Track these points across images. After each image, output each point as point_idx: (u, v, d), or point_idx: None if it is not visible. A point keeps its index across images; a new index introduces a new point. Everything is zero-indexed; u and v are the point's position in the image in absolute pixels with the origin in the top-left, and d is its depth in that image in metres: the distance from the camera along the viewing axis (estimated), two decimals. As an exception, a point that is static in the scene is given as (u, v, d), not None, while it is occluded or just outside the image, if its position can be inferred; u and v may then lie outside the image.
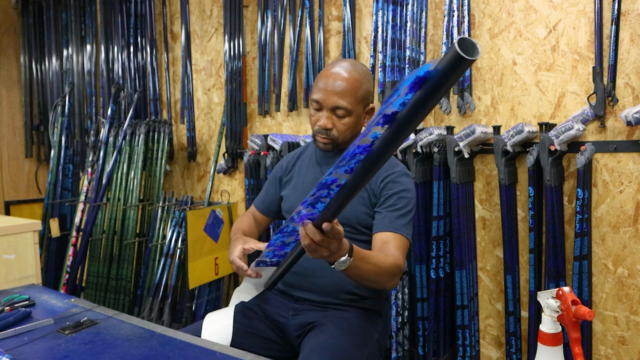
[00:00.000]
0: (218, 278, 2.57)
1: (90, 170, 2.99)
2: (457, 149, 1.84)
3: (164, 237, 2.72)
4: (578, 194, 1.67)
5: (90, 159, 3.01)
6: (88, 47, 3.46)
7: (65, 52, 3.62)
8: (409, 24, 1.99)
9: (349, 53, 2.22)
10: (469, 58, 0.55)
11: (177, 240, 2.64)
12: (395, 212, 1.32)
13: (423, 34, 2.01)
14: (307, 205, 0.90)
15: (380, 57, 2.04)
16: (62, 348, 1.12)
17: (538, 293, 1.36)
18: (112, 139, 2.92)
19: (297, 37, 2.40)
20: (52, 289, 1.73)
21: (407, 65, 2.00)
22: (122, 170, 2.84)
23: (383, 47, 2.04)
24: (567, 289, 1.27)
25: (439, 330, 1.95)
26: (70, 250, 2.89)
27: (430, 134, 1.89)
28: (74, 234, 2.91)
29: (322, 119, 1.34)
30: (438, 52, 2.04)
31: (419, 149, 1.93)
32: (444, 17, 1.91)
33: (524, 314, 1.89)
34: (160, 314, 2.63)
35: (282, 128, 2.59)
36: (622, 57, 1.67)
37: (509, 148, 1.78)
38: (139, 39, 3.13)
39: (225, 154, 2.73)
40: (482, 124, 1.89)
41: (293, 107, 2.45)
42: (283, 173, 1.56)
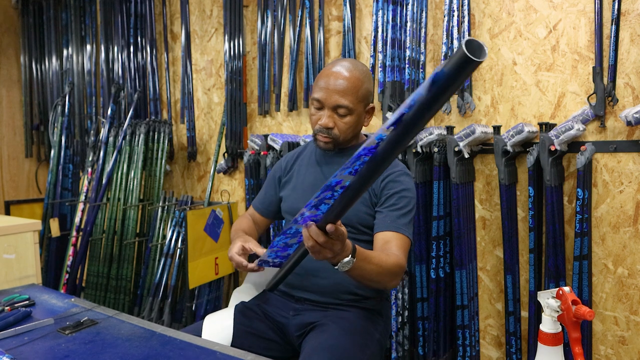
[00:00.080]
0: (218, 278, 2.57)
1: (90, 170, 2.99)
2: (457, 149, 1.84)
3: (164, 237, 2.72)
4: (578, 194, 1.67)
5: (90, 159, 3.01)
6: (88, 47, 3.46)
7: (65, 52, 3.62)
8: (409, 24, 1.99)
9: (349, 53, 2.22)
10: (476, 59, 0.55)
11: (177, 240, 2.64)
12: (397, 211, 1.32)
13: (423, 34, 2.01)
14: (310, 207, 0.89)
15: (380, 57, 2.04)
16: (62, 348, 1.12)
17: (538, 293, 1.36)
18: (112, 139, 2.92)
19: (297, 37, 2.40)
20: (52, 289, 1.73)
21: (407, 65, 2.00)
22: (122, 170, 2.84)
23: (383, 47, 2.04)
24: (567, 289, 1.28)
25: (439, 330, 1.95)
26: (70, 250, 2.89)
27: (430, 134, 1.89)
28: (74, 234, 2.91)
29: (323, 118, 1.33)
30: (438, 52, 2.04)
31: (419, 149, 1.93)
32: (444, 17, 1.92)
33: (524, 314, 1.89)
34: (160, 314, 2.63)
35: (282, 128, 2.59)
36: (622, 57, 1.67)
37: (509, 148, 1.78)
38: (139, 39, 3.13)
39: (225, 154, 2.73)
40: (482, 124, 1.89)
41: (293, 107, 2.45)
42: (282, 173, 1.55)
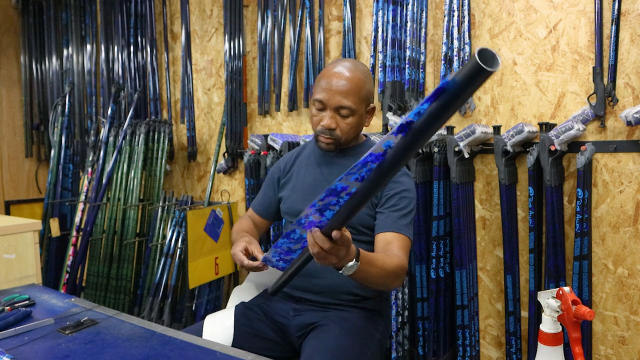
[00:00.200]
0: (218, 278, 2.57)
1: (91, 170, 2.99)
2: (457, 149, 1.84)
3: (164, 237, 2.72)
4: (578, 194, 1.67)
5: (90, 159, 3.01)
6: (88, 46, 3.46)
7: (65, 51, 3.62)
8: (409, 24, 1.99)
9: (349, 53, 2.22)
10: (489, 69, 0.53)
11: (177, 240, 2.64)
12: (397, 212, 1.32)
13: (423, 34, 2.01)
14: (315, 212, 0.88)
15: (380, 57, 2.04)
16: (62, 348, 1.12)
17: (538, 293, 1.36)
18: (112, 139, 2.92)
19: (297, 37, 2.40)
20: (52, 289, 1.73)
21: (407, 65, 2.00)
22: (122, 170, 2.84)
23: (383, 47, 2.04)
24: (567, 289, 1.28)
25: (439, 330, 1.95)
26: (71, 250, 2.89)
27: (431, 134, 1.89)
28: (74, 234, 2.91)
29: (325, 119, 1.33)
30: (438, 52, 2.04)
31: (419, 149, 1.93)
32: (444, 17, 1.91)
33: (524, 314, 1.89)
34: (160, 314, 2.63)
35: (282, 128, 2.59)
36: (622, 57, 1.67)
37: (509, 148, 1.78)
38: (139, 39, 3.13)
39: (225, 154, 2.73)
40: (482, 124, 1.89)
41: (293, 107, 2.45)
42: (281, 174, 1.55)
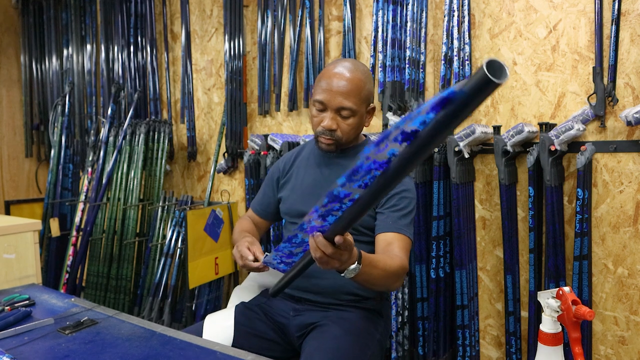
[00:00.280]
0: (218, 278, 2.57)
1: (91, 170, 2.99)
2: (457, 149, 1.84)
3: (164, 236, 2.71)
4: (578, 194, 1.67)
5: (91, 159, 3.01)
6: (88, 46, 3.46)
7: (66, 51, 3.62)
8: (409, 24, 1.99)
9: (349, 53, 2.22)
10: (497, 81, 0.52)
11: (177, 240, 2.64)
12: (397, 212, 1.32)
13: (423, 34, 2.01)
14: (317, 217, 0.88)
15: (380, 57, 2.04)
16: (62, 348, 1.12)
17: (538, 293, 1.36)
18: (112, 139, 2.92)
19: (297, 37, 2.40)
20: (52, 289, 1.73)
21: (407, 65, 2.00)
22: (122, 170, 2.84)
23: (383, 47, 2.04)
24: (567, 289, 1.28)
25: (439, 330, 1.95)
26: (70, 250, 2.89)
27: (431, 134, 1.89)
28: (74, 234, 2.91)
29: (326, 120, 1.32)
30: (438, 52, 2.04)
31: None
32: (444, 17, 1.91)
33: (524, 314, 1.89)
34: (160, 314, 2.63)
35: (282, 128, 2.59)
36: (622, 57, 1.67)
37: (509, 148, 1.78)
38: (139, 39, 3.13)
39: (225, 154, 2.73)
40: (482, 124, 1.89)
41: (293, 107, 2.45)
42: (280, 175, 1.54)
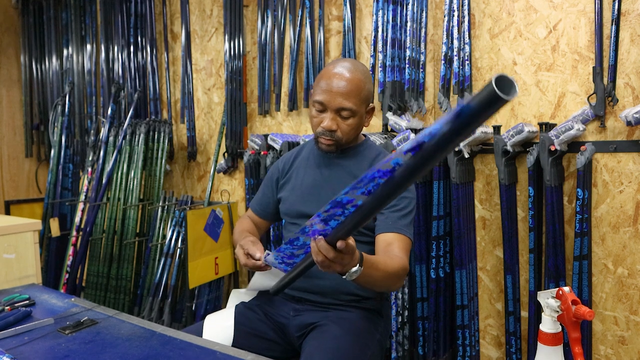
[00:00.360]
0: (218, 278, 2.57)
1: (91, 170, 2.99)
2: (457, 149, 1.84)
3: (164, 236, 2.72)
4: (578, 194, 1.67)
5: (91, 159, 3.01)
6: (88, 46, 3.46)
7: (66, 51, 3.62)
8: (409, 24, 1.99)
9: (349, 53, 2.22)
10: (505, 97, 0.51)
11: (177, 240, 2.64)
12: (397, 212, 1.32)
13: (423, 34, 2.01)
14: (319, 221, 0.89)
15: (381, 57, 2.04)
16: (62, 347, 1.12)
17: (538, 293, 1.36)
18: (112, 139, 2.92)
19: (297, 36, 2.40)
20: (52, 289, 1.73)
21: (407, 65, 2.00)
22: (122, 170, 2.84)
23: (383, 47, 2.04)
24: (567, 289, 1.28)
25: (439, 330, 1.95)
26: (70, 250, 2.89)
27: (431, 134, 1.89)
28: (74, 234, 2.91)
29: (326, 121, 1.32)
30: (438, 52, 2.04)
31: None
32: (444, 17, 1.91)
33: (524, 314, 1.89)
34: (160, 314, 2.63)
35: (282, 128, 2.59)
36: (622, 57, 1.67)
37: (509, 148, 1.78)
38: (139, 39, 3.13)
39: (225, 154, 2.73)
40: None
41: (293, 106, 2.45)
42: (279, 175, 1.54)
